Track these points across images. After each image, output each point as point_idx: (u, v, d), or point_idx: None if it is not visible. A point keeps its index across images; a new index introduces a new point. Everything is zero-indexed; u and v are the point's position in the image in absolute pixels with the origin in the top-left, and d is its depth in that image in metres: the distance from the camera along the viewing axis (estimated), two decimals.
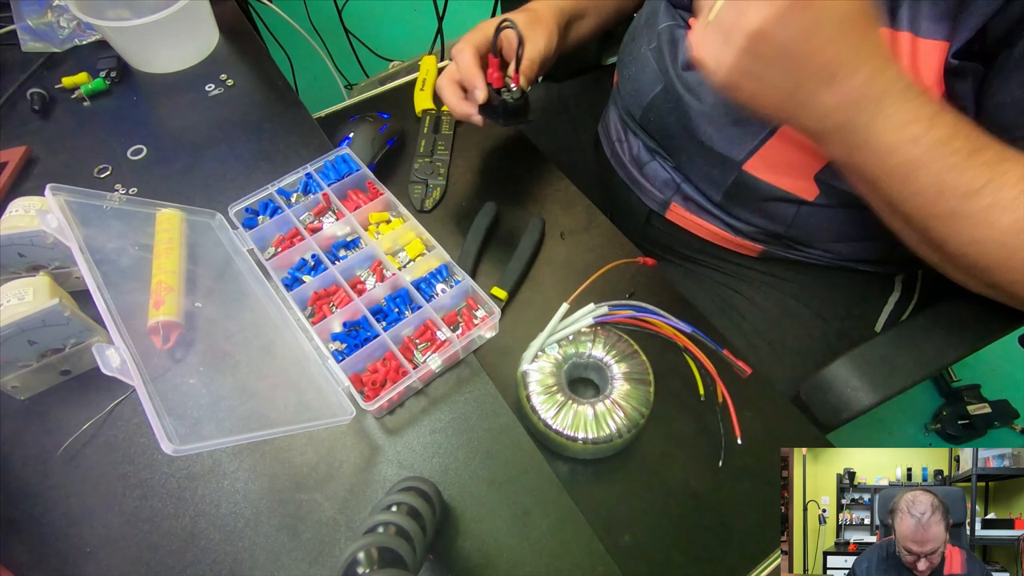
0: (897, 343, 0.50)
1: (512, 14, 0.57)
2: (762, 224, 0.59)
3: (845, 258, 0.60)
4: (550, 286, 0.58)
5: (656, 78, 0.60)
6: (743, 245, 0.63)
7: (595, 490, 0.48)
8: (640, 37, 0.63)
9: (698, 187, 0.61)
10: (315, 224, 0.58)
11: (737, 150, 0.55)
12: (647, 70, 0.61)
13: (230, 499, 0.45)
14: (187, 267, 0.51)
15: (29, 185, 0.62)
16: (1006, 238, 0.40)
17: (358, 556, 0.33)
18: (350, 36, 1.47)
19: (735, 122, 0.54)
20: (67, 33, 0.74)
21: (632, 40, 0.65)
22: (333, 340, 0.50)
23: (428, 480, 0.42)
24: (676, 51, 0.58)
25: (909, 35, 0.42)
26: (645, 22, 0.63)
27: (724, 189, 0.58)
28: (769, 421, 0.51)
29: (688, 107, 0.57)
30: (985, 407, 1.13)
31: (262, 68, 0.73)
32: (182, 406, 0.40)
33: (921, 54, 0.42)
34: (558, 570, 0.42)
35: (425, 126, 0.70)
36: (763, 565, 0.45)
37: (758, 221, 0.59)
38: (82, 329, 0.47)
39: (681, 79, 0.57)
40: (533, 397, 0.47)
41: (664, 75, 0.59)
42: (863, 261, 0.60)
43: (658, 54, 0.60)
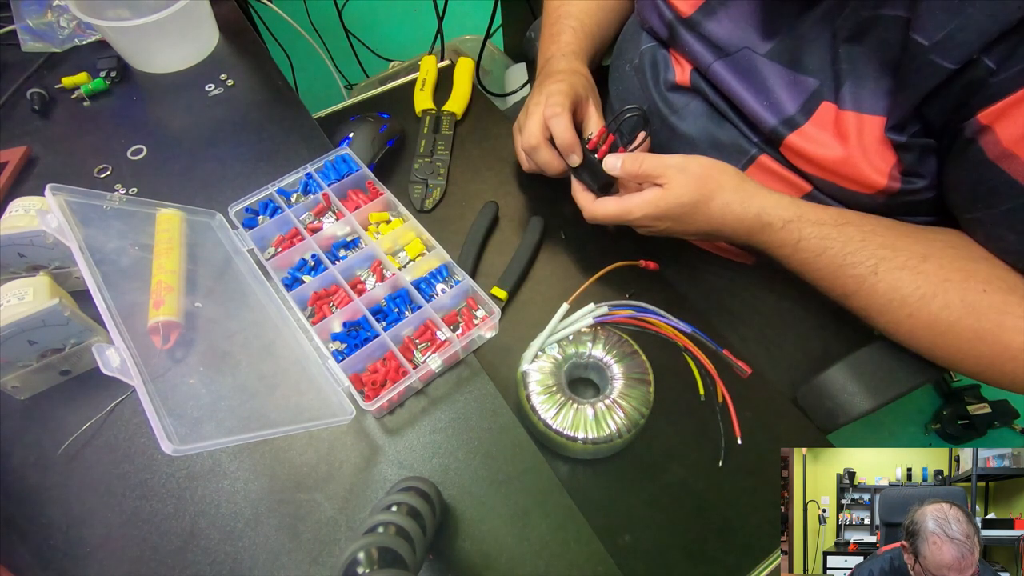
0: (895, 348, 0.50)
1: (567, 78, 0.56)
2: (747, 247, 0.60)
3: None
4: (550, 286, 0.58)
5: (640, 98, 0.61)
6: (738, 254, 0.64)
7: (595, 490, 0.48)
8: (624, 53, 0.64)
9: None
10: (315, 224, 0.58)
11: None
12: (632, 90, 0.62)
13: (230, 499, 0.45)
14: (187, 267, 0.51)
15: (29, 185, 0.62)
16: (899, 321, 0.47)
17: (358, 556, 0.33)
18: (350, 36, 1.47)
19: (714, 146, 0.56)
20: (67, 33, 0.74)
21: (619, 55, 0.66)
22: (333, 340, 0.50)
23: (428, 480, 0.42)
24: (658, 72, 0.59)
25: (854, 114, 0.45)
26: (629, 37, 0.64)
27: None
28: (769, 421, 0.51)
29: (673, 127, 0.58)
30: (985, 407, 1.13)
31: (262, 68, 0.73)
32: (182, 406, 0.40)
33: (867, 129, 0.45)
34: (558, 570, 0.42)
35: (425, 126, 0.70)
36: (763, 565, 0.45)
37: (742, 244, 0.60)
38: (82, 329, 0.47)
39: (665, 100, 0.58)
40: (533, 397, 0.47)
41: (647, 95, 0.60)
42: None
43: (640, 75, 0.60)
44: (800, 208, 0.48)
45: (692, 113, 0.57)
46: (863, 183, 0.47)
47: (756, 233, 0.49)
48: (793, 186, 0.53)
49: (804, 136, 0.48)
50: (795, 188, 0.53)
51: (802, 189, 0.52)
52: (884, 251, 0.46)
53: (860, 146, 0.45)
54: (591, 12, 0.66)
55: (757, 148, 0.53)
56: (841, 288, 0.48)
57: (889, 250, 0.46)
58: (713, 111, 0.56)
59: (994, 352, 0.42)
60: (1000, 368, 0.43)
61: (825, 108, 0.47)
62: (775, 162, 0.52)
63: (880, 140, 0.45)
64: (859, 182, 0.47)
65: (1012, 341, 0.42)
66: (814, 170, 0.49)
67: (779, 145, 0.50)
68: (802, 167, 0.50)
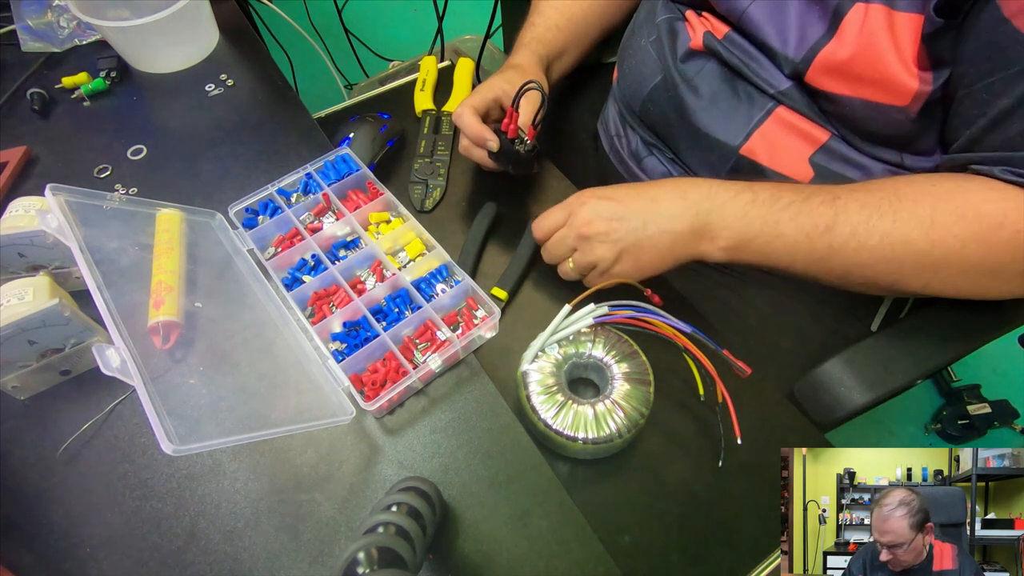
0: (892, 342, 0.51)
1: (501, 73, 0.62)
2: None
3: None
4: (550, 286, 0.58)
5: (656, 69, 0.62)
6: None
7: (595, 490, 0.48)
8: (640, 32, 0.65)
9: (696, 176, 0.62)
10: (315, 224, 0.58)
11: (733, 135, 0.56)
12: (647, 62, 0.63)
13: (230, 499, 0.45)
14: (187, 267, 0.51)
15: (29, 185, 0.62)
16: (885, 255, 0.45)
17: (358, 556, 0.33)
18: (350, 36, 1.47)
19: (731, 108, 0.56)
20: (67, 33, 0.74)
21: (632, 35, 0.67)
22: (333, 340, 0.50)
23: (428, 480, 0.42)
24: (675, 42, 0.60)
25: (883, 8, 0.44)
26: (644, 18, 0.65)
27: (722, 176, 0.59)
28: (769, 421, 0.51)
29: (685, 96, 0.59)
30: (985, 407, 1.13)
31: (262, 68, 0.73)
32: (182, 406, 0.40)
33: (898, 25, 0.44)
34: (558, 570, 0.42)
35: (425, 126, 0.70)
36: (763, 565, 0.45)
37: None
38: (82, 329, 0.47)
39: (679, 70, 0.59)
40: (533, 397, 0.47)
41: (663, 66, 0.61)
42: None
43: (658, 46, 0.61)
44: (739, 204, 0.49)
45: (707, 76, 0.58)
46: (894, 89, 0.46)
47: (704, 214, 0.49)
48: (809, 138, 0.53)
49: (831, 52, 0.47)
50: (811, 140, 0.53)
51: (817, 141, 0.53)
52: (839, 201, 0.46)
53: (891, 42, 0.44)
54: (562, 8, 0.68)
55: (774, 100, 0.54)
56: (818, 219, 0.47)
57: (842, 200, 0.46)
58: (726, 71, 0.56)
59: (982, 228, 0.42)
60: (993, 241, 0.42)
61: (855, 11, 0.46)
62: (792, 112, 0.53)
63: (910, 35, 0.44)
64: (890, 88, 0.46)
65: (992, 211, 0.42)
66: (842, 87, 0.48)
67: (804, 76, 0.50)
68: (830, 89, 0.49)
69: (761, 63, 0.54)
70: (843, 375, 0.51)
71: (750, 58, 0.54)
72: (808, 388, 0.52)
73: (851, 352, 0.52)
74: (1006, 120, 0.42)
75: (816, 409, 0.52)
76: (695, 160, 0.62)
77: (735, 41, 0.55)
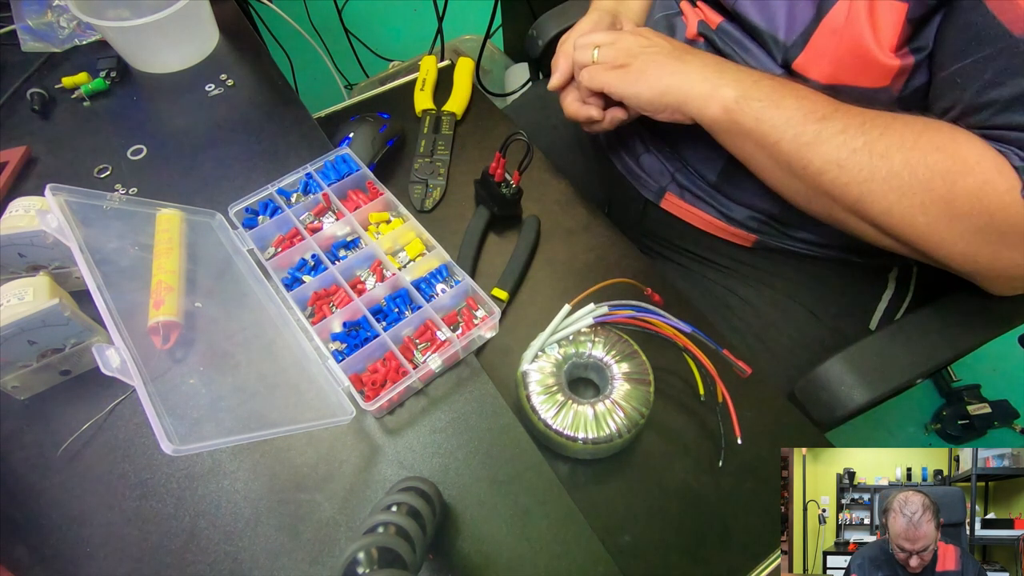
0: (891, 341, 0.51)
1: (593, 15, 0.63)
2: (755, 204, 0.60)
3: (835, 245, 0.61)
4: (550, 286, 0.58)
5: None
6: (736, 234, 0.64)
7: (595, 490, 0.48)
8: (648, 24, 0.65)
9: (695, 169, 0.63)
10: (315, 224, 0.58)
11: None
12: None
13: (230, 499, 0.45)
14: (187, 267, 0.51)
15: (29, 185, 0.62)
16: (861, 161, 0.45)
17: (358, 556, 0.33)
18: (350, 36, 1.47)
19: None
20: (67, 33, 0.74)
21: None
22: (333, 340, 0.50)
23: (428, 480, 0.42)
24: (673, 36, 0.60)
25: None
26: (651, 14, 0.65)
27: (720, 168, 0.60)
28: (769, 421, 0.51)
29: None
30: (985, 407, 1.13)
31: (262, 68, 0.73)
32: (182, 406, 0.40)
33: (879, 12, 0.45)
34: (558, 570, 0.42)
35: (425, 126, 0.70)
36: (763, 565, 0.45)
37: (751, 200, 0.60)
38: (82, 329, 0.47)
39: None
40: (533, 397, 0.47)
41: None
42: (854, 251, 0.61)
43: None
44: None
45: None
46: (875, 71, 0.47)
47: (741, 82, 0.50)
48: None
49: (820, 36, 0.49)
50: None
51: None
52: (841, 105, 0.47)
53: (871, 26, 0.46)
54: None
55: None
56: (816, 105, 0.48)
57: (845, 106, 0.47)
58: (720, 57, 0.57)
59: (953, 165, 0.43)
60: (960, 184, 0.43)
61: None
62: None
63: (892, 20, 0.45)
64: (871, 70, 0.47)
65: (968, 156, 0.42)
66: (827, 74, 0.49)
67: (792, 63, 0.51)
68: (816, 78, 0.50)
69: (753, 53, 0.54)
70: (843, 374, 0.51)
71: (742, 48, 0.55)
72: (808, 387, 0.52)
73: (851, 351, 0.52)
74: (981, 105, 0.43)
75: (816, 408, 0.52)
76: (693, 153, 0.62)
77: (727, 31, 0.56)
